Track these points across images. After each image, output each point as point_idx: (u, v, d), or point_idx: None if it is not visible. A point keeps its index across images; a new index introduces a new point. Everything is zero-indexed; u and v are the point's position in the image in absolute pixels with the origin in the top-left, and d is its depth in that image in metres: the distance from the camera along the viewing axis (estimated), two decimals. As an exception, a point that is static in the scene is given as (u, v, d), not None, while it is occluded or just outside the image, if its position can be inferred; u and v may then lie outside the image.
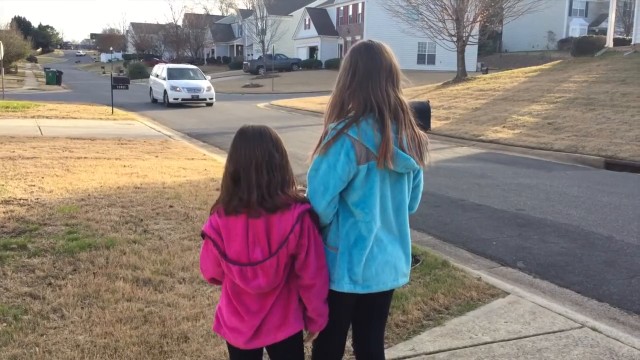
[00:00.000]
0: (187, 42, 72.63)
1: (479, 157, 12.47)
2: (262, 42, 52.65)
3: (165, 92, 25.00)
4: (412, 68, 49.27)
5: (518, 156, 12.60)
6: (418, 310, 3.84)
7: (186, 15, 78.43)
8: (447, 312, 3.87)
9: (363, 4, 52.92)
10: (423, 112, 4.86)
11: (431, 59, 51.30)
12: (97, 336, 3.34)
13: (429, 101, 17.50)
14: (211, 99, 25.23)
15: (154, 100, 26.78)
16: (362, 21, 53.65)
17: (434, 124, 17.57)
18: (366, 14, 52.37)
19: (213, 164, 10.05)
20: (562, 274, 4.99)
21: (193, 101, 24.79)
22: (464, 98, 21.26)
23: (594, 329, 3.61)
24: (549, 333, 3.54)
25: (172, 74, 25.56)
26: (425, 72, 44.57)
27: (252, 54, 67.41)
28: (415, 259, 4.87)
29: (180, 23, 77.14)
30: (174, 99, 24.54)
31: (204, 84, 25.41)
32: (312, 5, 62.86)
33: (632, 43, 22.09)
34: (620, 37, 31.25)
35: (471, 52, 40.77)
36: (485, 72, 38.14)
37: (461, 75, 25.44)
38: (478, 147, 14.08)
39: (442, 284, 4.31)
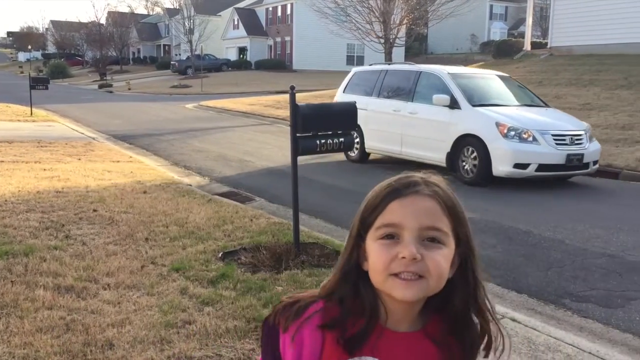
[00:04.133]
0: (112, 41, 70.40)
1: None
2: (190, 42, 51.77)
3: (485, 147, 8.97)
4: (341, 69, 49.71)
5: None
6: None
7: (110, 13, 75.97)
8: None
9: (292, 4, 53.04)
10: (349, 114, 4.94)
11: (360, 60, 51.87)
12: (16, 347, 3.19)
13: (354, 102, 17.84)
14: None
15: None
16: (291, 22, 53.77)
17: (363, 124, 17.84)
18: (295, 14, 52.52)
19: (140, 166, 9.81)
20: (484, 269, 5.18)
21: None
22: (392, 99, 21.67)
23: (513, 320, 3.78)
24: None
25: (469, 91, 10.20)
26: (354, 73, 45.10)
27: (180, 54, 66.18)
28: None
29: (103, 21, 74.70)
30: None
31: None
32: (241, 5, 62.43)
33: (548, 46, 23.20)
34: (538, 40, 32.79)
35: (398, 53, 41.62)
36: (412, 73, 39.00)
37: (389, 77, 25.92)
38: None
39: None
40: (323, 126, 4.96)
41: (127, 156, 11.19)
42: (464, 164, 9.04)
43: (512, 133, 8.60)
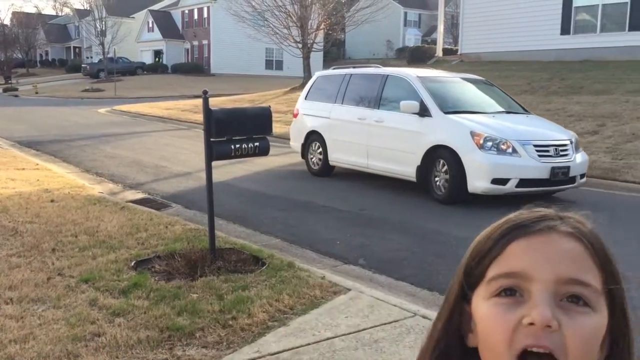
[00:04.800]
0: (17, 43, 66.77)
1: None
2: (102, 44, 49.94)
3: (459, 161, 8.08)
4: (260, 73, 49.76)
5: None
6: (263, 312, 3.89)
7: (14, 13, 72.01)
8: (292, 312, 3.96)
9: (209, 8, 52.37)
10: (264, 118, 4.94)
11: (279, 65, 52.10)
12: None
13: (269, 107, 17.93)
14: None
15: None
16: (208, 25, 53.06)
17: (282, 128, 17.87)
18: (212, 18, 51.88)
19: (47, 174, 9.36)
20: (399, 268, 5.33)
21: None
22: (310, 103, 21.87)
23: (424, 317, 3.90)
24: (385, 324, 3.77)
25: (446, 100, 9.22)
26: (273, 78, 45.18)
27: (91, 57, 63.73)
28: (262, 262, 4.92)
29: (7, 22, 70.71)
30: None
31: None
32: (155, 7, 60.94)
33: (459, 53, 24.16)
34: (449, 47, 34.11)
35: (317, 58, 42.03)
36: (330, 78, 39.50)
37: (307, 81, 26.14)
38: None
39: (287, 285, 4.40)
40: (238, 131, 4.94)
41: (34, 163, 10.65)
42: (436, 179, 7.99)
43: (489, 144, 7.53)
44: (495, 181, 7.45)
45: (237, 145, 4.90)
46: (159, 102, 27.61)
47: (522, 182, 7.44)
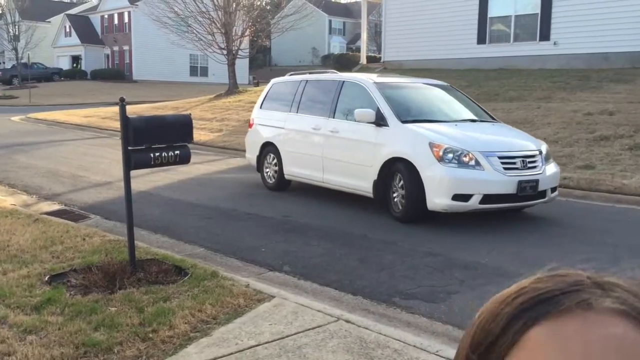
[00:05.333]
0: None
1: (251, 167, 12.81)
2: (16, 49, 47.56)
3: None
4: (185, 80, 48.96)
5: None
6: (185, 323, 3.82)
7: None
8: (215, 322, 3.91)
9: (129, 12, 51.01)
10: (184, 126, 4.86)
11: (204, 71, 51.44)
12: None
13: (190, 114, 17.84)
14: None
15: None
16: (129, 30, 51.67)
17: (208, 136, 17.65)
18: (134, 23, 50.57)
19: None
20: (323, 274, 5.37)
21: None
22: (237, 110, 21.72)
23: (347, 321, 3.95)
24: (309, 330, 3.79)
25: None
26: (198, 84, 44.58)
27: (4, 62, 60.58)
28: (184, 272, 4.84)
29: None
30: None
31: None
32: (73, 11, 58.79)
33: (382, 60, 24.68)
34: (374, 55, 34.82)
35: (242, 65, 41.82)
36: (257, 84, 39.45)
37: (233, 88, 25.95)
38: (250, 157, 14.48)
39: (210, 294, 4.34)
40: (157, 139, 4.84)
41: (-61, 175, 10.00)
42: (394, 195, 7.33)
43: (450, 156, 6.81)
44: (457, 197, 6.71)
45: (157, 154, 4.79)
46: (78, 110, 26.60)
47: (487, 198, 6.74)
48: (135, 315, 3.86)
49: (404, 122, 7.46)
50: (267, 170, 9.72)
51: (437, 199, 6.79)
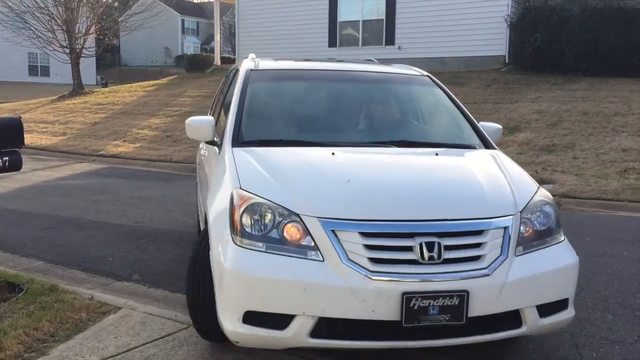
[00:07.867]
0: None
1: (99, 172, 12.15)
2: None
3: None
4: (23, 80, 45.12)
5: (139, 169, 12.72)
6: (19, 344, 3.50)
7: None
8: (53, 340, 3.63)
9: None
10: (13, 129, 4.47)
11: (45, 71, 47.77)
12: None
13: (20, 117, 16.63)
14: None
15: None
16: (-44, 25, 46.63)
17: (50, 140, 16.46)
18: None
19: None
20: (175, 280, 5.20)
21: None
22: (82, 112, 20.48)
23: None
24: (158, 339, 3.65)
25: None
26: (39, 85, 41.39)
27: None
28: (19, 289, 4.44)
29: None
30: None
31: None
32: None
33: (236, 62, 24.64)
34: (228, 56, 34.54)
35: (89, 64, 39.44)
36: (105, 85, 37.57)
37: (78, 89, 24.40)
38: (98, 162, 13.73)
39: (48, 310, 4.02)
40: (-19, 144, 4.39)
41: None
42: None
43: (258, 223, 3.07)
44: (255, 319, 2.97)
45: (-18, 161, 4.36)
46: None
47: (329, 326, 2.96)
48: (-42, 341, 3.47)
49: (240, 144, 3.88)
50: None
51: (224, 318, 3.07)
